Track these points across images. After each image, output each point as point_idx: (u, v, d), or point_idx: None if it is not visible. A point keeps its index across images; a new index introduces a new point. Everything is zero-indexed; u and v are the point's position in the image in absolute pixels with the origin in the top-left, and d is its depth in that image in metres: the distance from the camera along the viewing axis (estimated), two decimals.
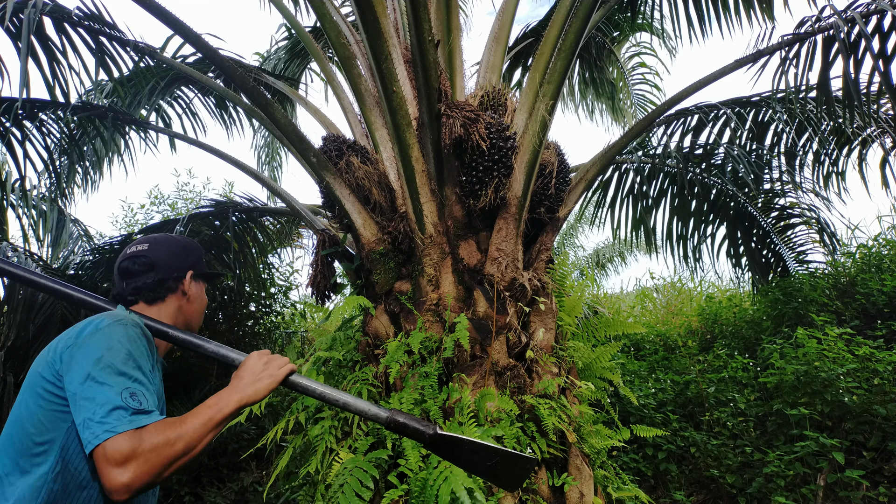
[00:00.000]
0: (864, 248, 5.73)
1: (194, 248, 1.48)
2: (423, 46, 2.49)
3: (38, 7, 3.00)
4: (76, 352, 1.09)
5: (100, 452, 0.97)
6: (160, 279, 1.35)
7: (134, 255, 1.36)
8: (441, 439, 1.33)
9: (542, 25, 5.00)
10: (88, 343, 1.10)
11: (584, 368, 3.15)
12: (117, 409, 1.01)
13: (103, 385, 1.03)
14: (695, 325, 6.65)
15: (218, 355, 1.31)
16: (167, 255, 1.39)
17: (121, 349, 1.09)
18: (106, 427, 0.98)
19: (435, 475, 2.08)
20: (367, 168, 3.18)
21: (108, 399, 1.01)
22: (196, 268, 1.44)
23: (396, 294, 3.01)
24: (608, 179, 5.26)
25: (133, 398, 1.04)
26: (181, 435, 1.03)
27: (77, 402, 1.03)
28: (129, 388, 1.05)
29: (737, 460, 4.03)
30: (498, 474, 1.36)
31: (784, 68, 3.48)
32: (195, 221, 4.76)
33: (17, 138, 3.89)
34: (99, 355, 1.07)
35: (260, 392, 1.19)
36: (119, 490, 0.96)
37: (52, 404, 1.08)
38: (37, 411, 1.08)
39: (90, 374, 1.04)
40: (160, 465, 0.99)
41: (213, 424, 1.08)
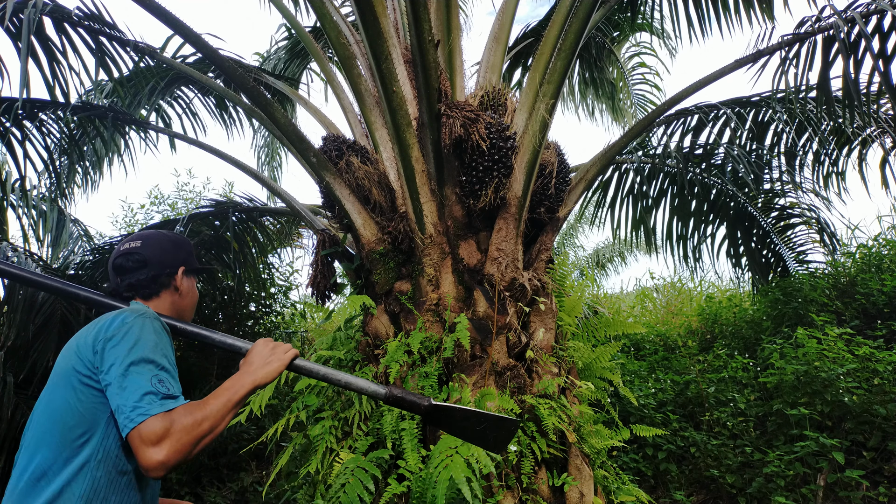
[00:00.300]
0: (864, 248, 5.73)
1: (185, 244, 1.51)
2: (423, 46, 2.49)
3: (38, 7, 3.00)
4: (107, 345, 1.16)
5: (135, 434, 1.06)
6: (153, 275, 1.40)
7: (127, 252, 1.40)
8: (435, 409, 1.42)
9: (542, 25, 5.00)
10: (118, 336, 1.17)
11: (584, 368, 3.15)
12: (148, 395, 1.09)
13: (135, 373, 1.11)
14: (695, 325, 6.65)
15: (225, 345, 1.39)
16: (159, 252, 1.43)
17: (148, 340, 1.18)
18: (139, 411, 1.07)
19: (435, 463, 2.08)
20: (367, 168, 3.18)
21: (140, 385, 1.10)
22: (187, 263, 1.48)
23: (396, 294, 3.01)
24: (608, 179, 5.26)
25: (161, 384, 1.12)
26: (206, 415, 1.12)
27: (112, 391, 1.11)
28: (157, 375, 1.13)
29: (737, 460, 4.03)
30: (487, 438, 1.47)
31: (784, 68, 3.48)
32: (195, 221, 4.76)
33: (17, 138, 3.89)
34: (130, 346, 1.15)
35: (270, 374, 1.28)
36: (156, 467, 1.05)
37: (91, 396, 1.15)
38: (76, 404, 1.15)
39: (123, 363, 1.12)
40: (190, 444, 1.08)
41: (231, 405, 1.17)
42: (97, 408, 1.15)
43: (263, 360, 1.30)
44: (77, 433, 1.13)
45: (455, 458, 2.05)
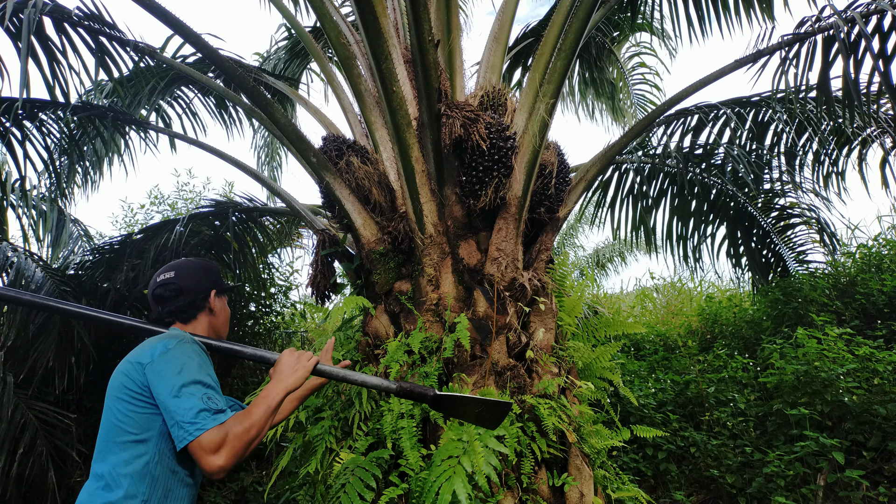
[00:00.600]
0: (864, 248, 5.73)
1: (213, 269, 1.71)
2: (423, 46, 2.49)
3: (38, 7, 3.00)
4: (157, 368, 1.34)
5: (196, 445, 1.25)
6: (190, 301, 1.59)
7: (164, 283, 1.60)
8: (440, 399, 1.64)
9: (542, 25, 5.00)
10: (165, 360, 1.35)
11: (584, 368, 3.15)
12: (202, 412, 1.27)
13: (187, 394, 1.29)
14: (695, 325, 6.65)
15: (255, 357, 1.60)
16: (192, 280, 1.62)
17: (192, 362, 1.36)
18: (196, 426, 1.25)
19: (437, 473, 2.07)
20: (367, 168, 3.18)
21: (193, 404, 1.28)
22: (217, 286, 1.69)
23: (396, 294, 3.01)
24: (608, 179, 5.26)
25: (210, 401, 1.31)
26: (253, 423, 1.32)
27: (168, 409, 1.29)
28: (206, 394, 1.31)
29: (737, 460, 4.03)
30: (484, 418, 1.70)
31: (784, 68, 3.48)
32: (195, 221, 4.76)
33: (17, 138, 3.89)
34: (178, 369, 1.33)
35: (299, 380, 1.49)
36: (217, 471, 1.25)
37: (145, 408, 1.35)
38: (132, 416, 1.34)
39: (174, 385, 1.30)
40: (242, 448, 1.28)
41: (270, 412, 1.37)
42: (151, 418, 1.34)
43: (291, 368, 1.50)
44: (137, 439, 1.33)
45: (458, 469, 2.04)
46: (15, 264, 3.98)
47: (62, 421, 3.89)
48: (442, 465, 2.10)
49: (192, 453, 1.26)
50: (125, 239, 4.79)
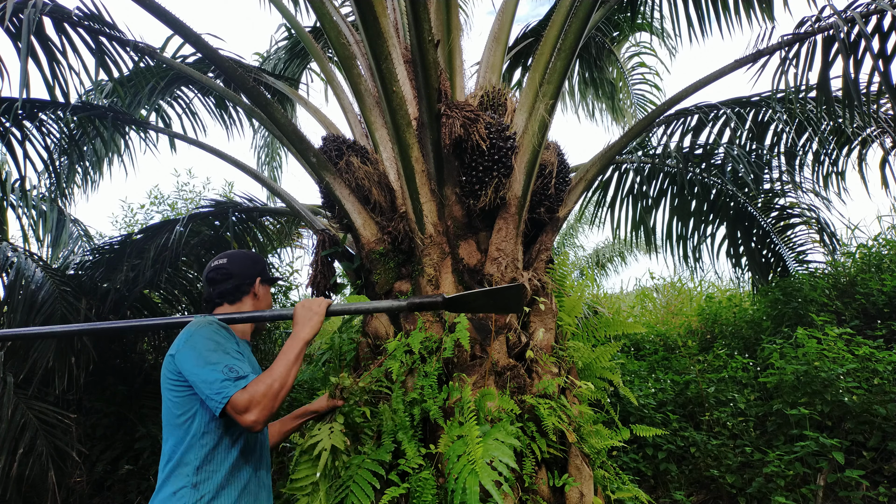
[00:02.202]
0: (864, 248, 5.72)
1: (260, 260, 1.91)
2: (423, 46, 2.49)
3: (38, 7, 3.00)
4: (183, 356, 1.54)
5: (229, 409, 1.45)
6: (237, 284, 1.80)
7: (217, 267, 1.81)
8: (451, 301, 1.71)
9: (541, 25, 5.00)
10: (188, 347, 1.55)
11: (584, 368, 3.15)
12: (224, 381, 1.46)
13: (209, 370, 1.48)
14: (695, 325, 6.64)
15: (274, 317, 1.79)
16: (241, 267, 1.83)
17: (210, 342, 1.55)
18: (222, 395, 1.45)
19: (458, 469, 2.06)
20: (367, 168, 3.17)
21: (216, 377, 1.47)
22: (263, 275, 1.89)
23: (396, 294, 3.01)
24: (608, 179, 5.26)
25: (231, 370, 1.48)
26: (275, 377, 1.49)
27: (198, 387, 1.49)
28: (227, 365, 1.50)
29: (737, 460, 4.03)
30: (503, 306, 1.75)
31: (784, 68, 3.48)
32: (195, 221, 4.76)
33: (17, 138, 3.89)
34: (199, 351, 1.53)
35: (315, 328, 1.67)
36: (253, 425, 1.44)
37: (185, 391, 1.55)
38: (177, 399, 1.56)
39: (197, 366, 1.50)
40: (271, 401, 1.46)
41: (291, 363, 1.55)
42: (191, 398, 1.54)
43: (305, 319, 1.67)
44: (183, 419, 1.54)
45: (479, 462, 2.03)
46: (15, 264, 3.98)
47: (62, 421, 3.89)
48: (460, 462, 2.08)
49: (229, 416, 1.46)
50: (125, 239, 4.78)
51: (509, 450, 2.10)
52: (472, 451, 2.07)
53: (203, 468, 1.51)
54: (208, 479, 1.51)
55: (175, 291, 5.17)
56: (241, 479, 1.58)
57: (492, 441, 2.13)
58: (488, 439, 2.14)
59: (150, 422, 4.60)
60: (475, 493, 1.94)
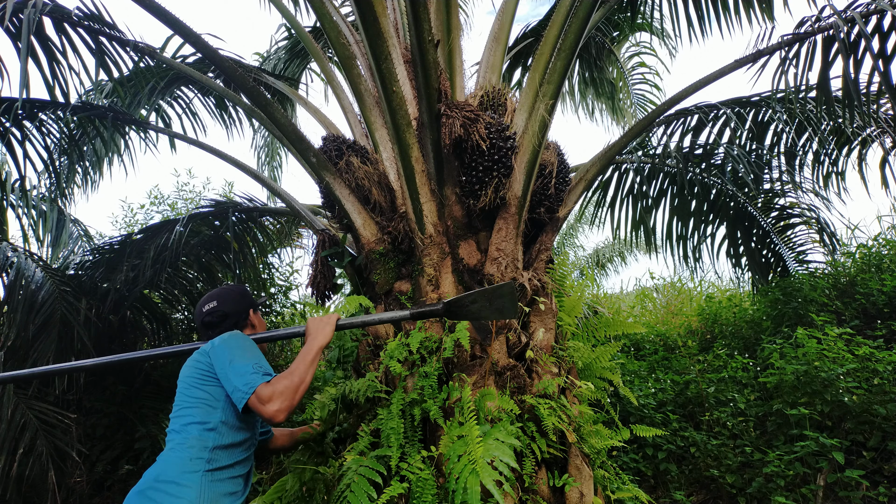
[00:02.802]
0: (864, 248, 5.72)
1: (246, 292, 2.11)
2: (423, 46, 2.49)
3: (38, 7, 3.00)
4: (217, 351, 1.74)
5: (253, 400, 1.61)
6: (234, 322, 1.97)
7: (211, 311, 1.95)
8: (450, 306, 1.77)
9: (541, 25, 5.00)
10: (223, 345, 1.76)
11: (584, 368, 3.15)
12: (252, 374, 1.64)
13: (240, 365, 1.66)
14: (695, 325, 6.64)
15: (289, 335, 1.99)
16: (233, 305, 2.00)
17: (244, 343, 1.78)
18: (249, 385, 1.62)
19: (458, 469, 2.06)
20: (367, 168, 3.17)
21: (245, 370, 1.65)
22: (253, 305, 2.09)
23: (396, 294, 3.01)
24: (608, 179, 5.26)
25: (259, 367, 1.67)
26: (295, 374, 1.68)
27: (227, 379, 1.67)
28: (256, 362, 1.69)
29: (737, 460, 4.03)
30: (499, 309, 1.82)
31: (784, 68, 3.48)
32: (195, 221, 4.76)
33: (17, 138, 3.89)
34: (232, 350, 1.72)
35: (328, 336, 1.88)
36: (275, 414, 1.60)
37: (213, 381, 1.73)
38: (205, 387, 1.73)
39: (230, 360, 1.69)
40: (291, 395, 1.64)
41: (309, 364, 1.74)
42: (218, 390, 1.72)
43: (319, 329, 1.88)
44: (210, 404, 1.71)
45: (479, 462, 2.03)
46: (15, 264, 3.98)
47: (62, 421, 3.89)
48: (461, 462, 2.08)
49: (253, 408, 1.61)
50: (125, 239, 4.78)
51: (510, 449, 2.10)
52: (473, 450, 2.07)
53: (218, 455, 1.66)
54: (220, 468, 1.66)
55: (175, 291, 5.17)
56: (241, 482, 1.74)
57: (492, 441, 2.13)
58: (489, 439, 2.14)
59: (150, 422, 4.60)
60: (476, 492, 1.94)
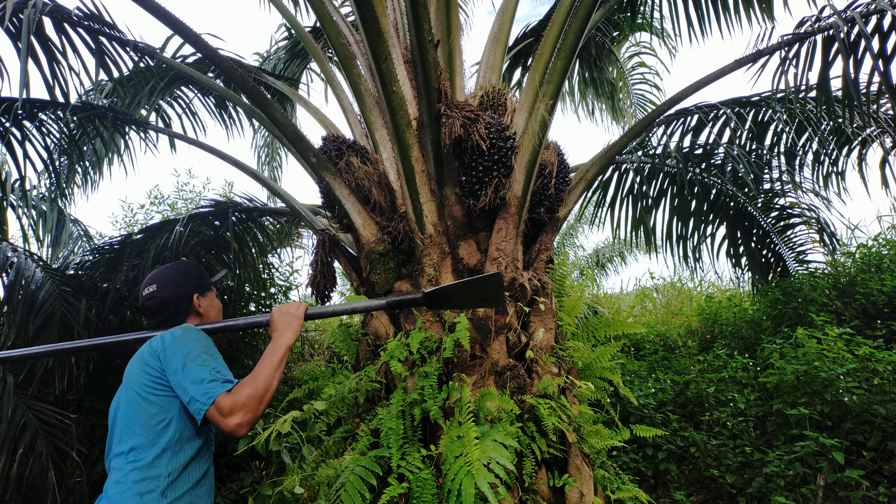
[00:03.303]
0: (864, 248, 5.72)
1: (192, 272, 1.80)
2: (422, 46, 2.49)
3: (38, 7, 3.00)
4: (169, 354, 1.50)
5: (213, 412, 1.40)
6: (175, 310, 1.71)
7: (149, 297, 1.72)
8: (431, 295, 1.62)
9: (541, 25, 5.00)
10: (174, 346, 1.51)
11: (584, 368, 3.15)
12: (211, 382, 1.43)
13: (196, 371, 1.45)
14: (695, 325, 6.64)
15: (249, 325, 1.73)
16: (173, 289, 1.73)
17: (198, 344, 1.52)
18: (208, 395, 1.41)
19: (454, 470, 2.06)
20: (366, 168, 3.17)
21: (203, 377, 1.43)
22: (199, 288, 1.78)
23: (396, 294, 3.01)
24: (608, 179, 5.26)
25: (218, 373, 1.46)
26: (260, 381, 1.46)
27: (182, 387, 1.45)
28: (214, 368, 1.47)
29: (737, 460, 4.03)
30: (484, 298, 1.70)
31: (784, 68, 3.48)
32: (195, 221, 4.76)
33: (17, 138, 3.88)
34: (187, 352, 1.49)
35: (296, 332, 1.63)
36: (236, 430, 1.40)
37: (164, 391, 1.49)
38: (154, 399, 1.49)
39: (185, 365, 1.46)
40: (256, 405, 1.43)
41: (275, 367, 1.52)
42: (171, 401, 1.49)
43: (285, 324, 1.63)
44: (157, 419, 1.47)
45: (475, 463, 2.03)
46: (15, 264, 3.98)
47: (62, 421, 3.89)
48: (457, 462, 2.08)
49: (212, 419, 1.41)
50: (125, 239, 4.78)
51: (507, 451, 2.09)
52: (470, 452, 2.07)
53: (175, 478, 1.46)
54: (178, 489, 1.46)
55: None
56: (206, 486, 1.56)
57: (490, 442, 2.12)
58: (486, 440, 2.14)
59: None
60: (470, 494, 1.94)
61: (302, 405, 2.92)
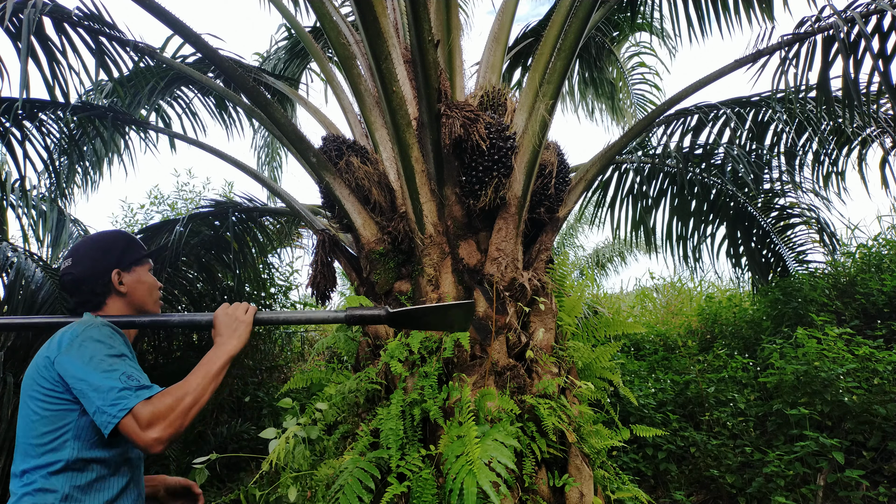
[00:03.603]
0: (864, 248, 5.73)
1: (115, 245, 1.51)
2: (422, 46, 2.49)
3: (38, 7, 3.00)
4: (65, 360, 1.26)
5: (128, 424, 1.19)
6: (90, 289, 1.46)
7: (63, 273, 1.48)
8: (397, 315, 1.53)
9: (541, 25, 5.00)
10: (73, 350, 1.27)
11: (584, 368, 3.15)
12: (123, 391, 1.21)
13: (104, 377, 1.22)
14: (695, 325, 6.65)
15: (184, 323, 1.49)
16: (89, 265, 1.47)
17: (103, 346, 1.28)
18: (119, 407, 1.19)
19: (455, 470, 2.06)
20: (366, 168, 3.18)
21: (112, 386, 1.21)
22: (121, 264, 1.49)
23: (396, 294, 3.01)
24: (608, 179, 5.26)
25: (130, 379, 1.24)
26: (188, 391, 1.25)
27: (86, 396, 1.22)
28: (125, 373, 1.25)
29: (737, 460, 4.03)
30: (452, 324, 1.63)
31: (784, 68, 3.48)
32: (195, 221, 4.76)
33: (17, 138, 3.88)
34: (88, 357, 1.25)
35: (242, 339, 1.41)
36: (152, 444, 1.19)
37: (58, 403, 1.27)
38: (45, 414, 1.27)
39: (89, 370, 1.23)
40: (180, 418, 1.22)
41: (211, 377, 1.30)
42: (65, 414, 1.26)
43: (230, 329, 1.41)
44: (50, 438, 1.25)
45: (477, 462, 2.03)
46: (15, 264, 3.98)
47: None
48: (458, 462, 2.08)
49: (124, 432, 1.20)
50: None
51: (508, 450, 2.09)
52: (471, 451, 2.07)
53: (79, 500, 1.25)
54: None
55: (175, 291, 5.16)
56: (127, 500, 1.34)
57: (490, 441, 2.13)
58: (487, 440, 2.14)
59: None
60: (472, 493, 1.94)
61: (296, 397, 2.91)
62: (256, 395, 5.40)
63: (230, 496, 2.39)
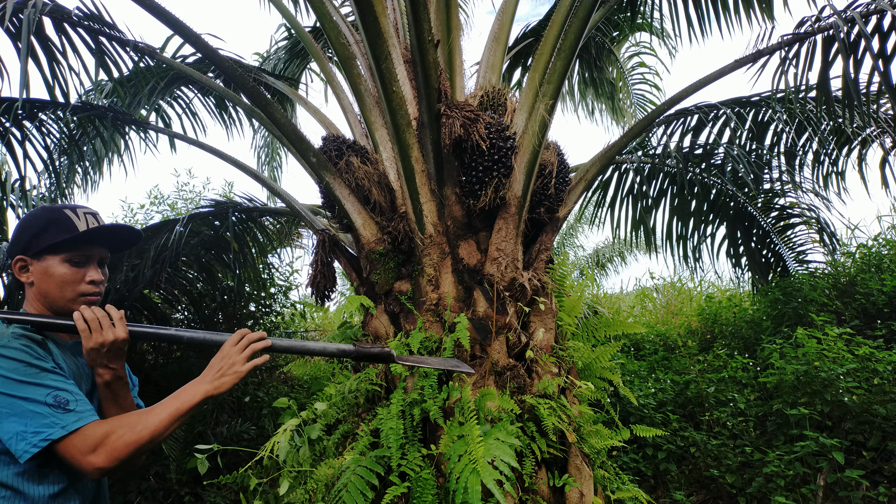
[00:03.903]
0: (864, 248, 5.73)
1: (30, 226, 1.26)
2: (422, 46, 2.49)
3: (37, 7, 3.00)
4: None
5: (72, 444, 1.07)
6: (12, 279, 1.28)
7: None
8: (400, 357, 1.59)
9: (541, 25, 5.00)
10: None
11: (584, 368, 3.15)
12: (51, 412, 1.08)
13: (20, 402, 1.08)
14: (695, 325, 6.65)
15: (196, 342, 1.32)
16: (8, 249, 1.30)
17: (18, 366, 1.11)
18: (42, 436, 1.05)
19: (459, 469, 2.06)
20: (366, 168, 3.17)
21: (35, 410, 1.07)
22: (28, 250, 1.25)
23: (396, 294, 3.01)
24: (608, 179, 5.26)
25: (57, 398, 1.10)
26: (146, 426, 1.13)
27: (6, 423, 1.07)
28: (50, 393, 1.10)
29: (737, 460, 4.03)
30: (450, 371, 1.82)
31: (784, 68, 3.48)
32: (195, 221, 4.76)
33: (17, 138, 3.88)
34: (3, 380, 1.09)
35: (224, 387, 1.22)
36: (92, 472, 1.08)
37: None
38: None
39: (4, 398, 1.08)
40: (128, 451, 1.10)
41: (178, 415, 1.17)
42: None
43: (218, 371, 1.24)
44: None
45: (480, 461, 2.03)
46: None
47: None
48: (461, 462, 2.08)
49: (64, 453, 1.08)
50: None
51: (511, 449, 2.10)
52: (474, 450, 2.07)
53: None
54: None
55: (175, 291, 5.17)
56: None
57: (493, 440, 2.13)
58: (489, 439, 2.14)
59: None
60: (477, 492, 1.94)
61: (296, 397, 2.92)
62: (256, 395, 5.39)
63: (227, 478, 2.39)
